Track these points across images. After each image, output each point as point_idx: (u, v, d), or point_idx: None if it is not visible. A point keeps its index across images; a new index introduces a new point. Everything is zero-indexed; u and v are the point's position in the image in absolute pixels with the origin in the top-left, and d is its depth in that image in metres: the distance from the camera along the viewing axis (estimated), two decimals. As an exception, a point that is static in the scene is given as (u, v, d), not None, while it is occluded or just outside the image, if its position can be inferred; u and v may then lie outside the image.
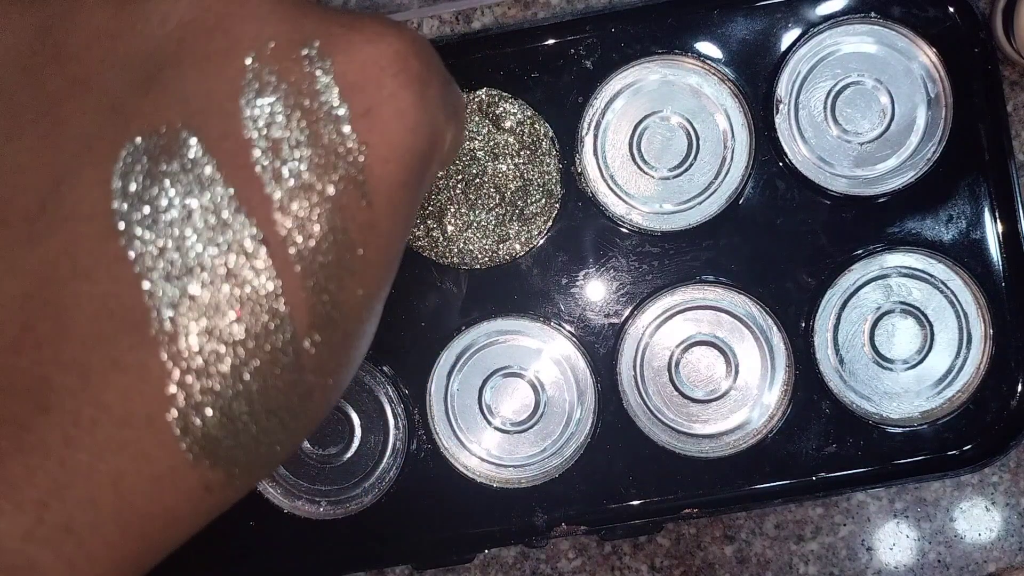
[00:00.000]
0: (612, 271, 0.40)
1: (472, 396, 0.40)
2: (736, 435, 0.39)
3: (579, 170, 0.40)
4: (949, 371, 0.39)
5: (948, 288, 0.39)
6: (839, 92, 0.39)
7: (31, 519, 0.18)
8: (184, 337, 0.19)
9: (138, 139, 0.19)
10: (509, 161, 0.39)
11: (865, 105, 0.39)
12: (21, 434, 0.18)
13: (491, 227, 0.40)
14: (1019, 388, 0.39)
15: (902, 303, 0.39)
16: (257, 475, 0.21)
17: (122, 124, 0.20)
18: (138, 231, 0.19)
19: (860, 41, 0.39)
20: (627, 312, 0.40)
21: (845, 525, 0.42)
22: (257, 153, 0.20)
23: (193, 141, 0.19)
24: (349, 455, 0.40)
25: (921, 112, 0.39)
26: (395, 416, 0.40)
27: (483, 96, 0.39)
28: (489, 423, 0.40)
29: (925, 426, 0.39)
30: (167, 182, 0.19)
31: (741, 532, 0.42)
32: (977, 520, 0.42)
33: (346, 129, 0.20)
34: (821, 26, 0.39)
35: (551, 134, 0.40)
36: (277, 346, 0.20)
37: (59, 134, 0.20)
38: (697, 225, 0.39)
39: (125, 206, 0.19)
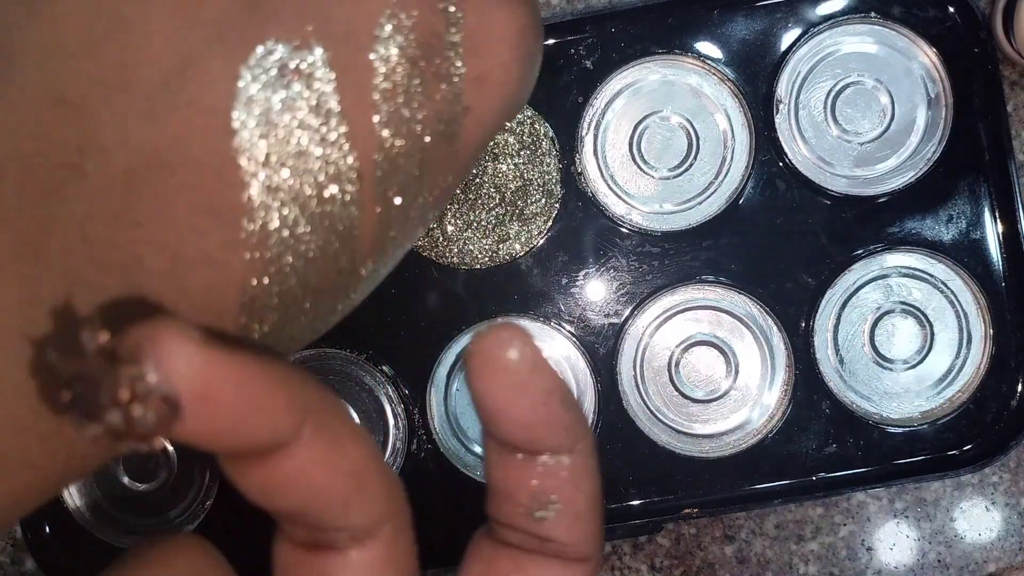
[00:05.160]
0: (612, 271, 0.40)
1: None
2: (736, 435, 0.39)
3: (579, 170, 0.40)
4: (949, 371, 0.39)
5: (948, 288, 0.39)
6: (839, 92, 0.39)
7: None
8: (268, 243, 0.20)
9: (271, 42, 0.19)
10: (509, 161, 0.39)
11: (865, 105, 0.39)
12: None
13: (491, 227, 0.40)
14: (1019, 388, 0.39)
15: (902, 303, 0.39)
16: None
17: (260, 22, 0.19)
18: (251, 135, 0.19)
19: (860, 41, 0.39)
20: (627, 312, 0.40)
21: (845, 525, 0.42)
22: (375, 90, 0.20)
23: (322, 60, 0.20)
24: (349, 455, 0.40)
25: (921, 112, 0.39)
26: (395, 416, 0.40)
27: (483, 96, 0.39)
28: (489, 423, 0.40)
29: (925, 426, 0.39)
30: (287, 92, 0.19)
31: (741, 532, 0.42)
32: (977, 520, 0.42)
33: (457, 90, 0.21)
34: (821, 26, 0.39)
35: (551, 134, 0.40)
36: (341, 268, 0.21)
37: (196, 14, 0.19)
38: (697, 225, 0.39)
39: (244, 106, 0.19)
